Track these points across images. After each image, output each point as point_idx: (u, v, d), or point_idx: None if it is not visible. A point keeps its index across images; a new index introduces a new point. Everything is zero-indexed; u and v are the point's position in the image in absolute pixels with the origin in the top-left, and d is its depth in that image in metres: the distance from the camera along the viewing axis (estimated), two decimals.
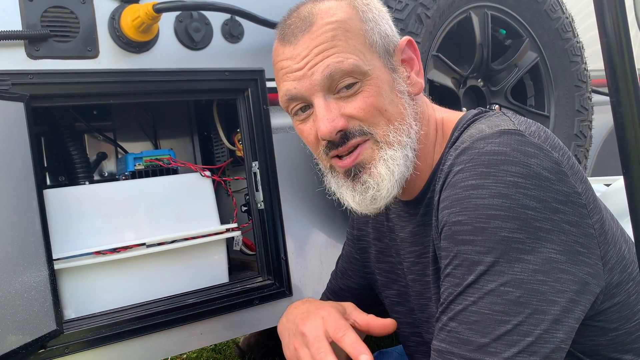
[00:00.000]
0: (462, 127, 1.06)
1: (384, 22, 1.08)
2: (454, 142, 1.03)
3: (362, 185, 1.04)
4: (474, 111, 1.10)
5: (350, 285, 1.44)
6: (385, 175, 1.02)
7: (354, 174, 1.05)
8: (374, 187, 1.03)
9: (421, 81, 1.11)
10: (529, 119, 1.01)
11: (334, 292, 1.48)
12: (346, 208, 1.13)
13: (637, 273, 1.01)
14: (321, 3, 1.04)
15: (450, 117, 1.14)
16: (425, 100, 1.15)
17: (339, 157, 1.06)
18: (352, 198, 1.06)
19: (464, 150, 0.94)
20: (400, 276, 1.27)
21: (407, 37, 1.11)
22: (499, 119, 1.00)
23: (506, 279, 0.85)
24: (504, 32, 2.08)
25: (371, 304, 1.43)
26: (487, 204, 0.87)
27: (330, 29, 1.00)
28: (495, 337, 0.84)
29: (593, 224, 0.92)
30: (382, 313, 1.39)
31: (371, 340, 2.58)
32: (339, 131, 1.01)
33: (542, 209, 0.87)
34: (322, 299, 1.51)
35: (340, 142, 1.03)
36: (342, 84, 1.01)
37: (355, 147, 1.04)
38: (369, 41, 1.03)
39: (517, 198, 0.86)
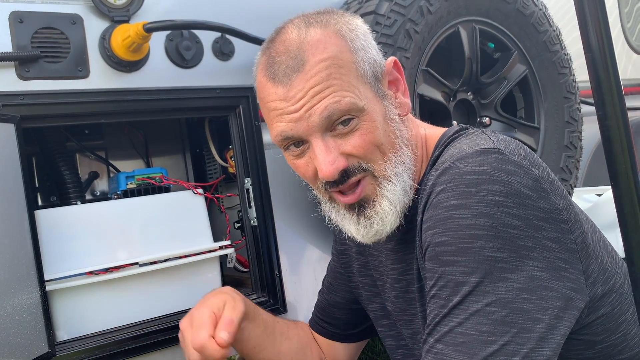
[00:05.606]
0: (442, 145, 1.06)
1: (371, 46, 1.07)
2: (435, 161, 1.04)
3: (367, 220, 1.05)
4: (455, 128, 1.10)
5: (337, 300, 1.43)
6: (389, 211, 1.03)
7: (358, 208, 1.06)
8: (378, 223, 1.04)
9: (408, 101, 1.11)
10: (508, 137, 1.02)
11: (322, 309, 1.47)
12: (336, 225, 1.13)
13: (620, 284, 1.01)
14: (307, 32, 1.01)
15: (433, 133, 1.14)
16: (410, 118, 1.15)
17: (341, 191, 1.06)
18: (357, 231, 1.07)
19: (445, 170, 0.95)
20: (381, 291, 1.26)
21: (392, 58, 1.10)
22: (479, 138, 1.01)
23: (491, 299, 0.85)
24: (492, 45, 2.09)
25: (360, 320, 1.42)
26: (470, 224, 0.88)
27: (324, 67, 0.98)
28: (482, 358, 0.84)
29: (575, 239, 0.92)
30: (373, 327, 1.39)
31: (366, 355, 2.56)
32: (340, 171, 1.01)
33: (524, 227, 0.87)
34: (311, 317, 1.50)
35: (341, 180, 1.02)
36: (338, 121, 1.00)
37: (357, 182, 1.04)
38: (360, 73, 1.02)
39: (499, 217, 0.87)
